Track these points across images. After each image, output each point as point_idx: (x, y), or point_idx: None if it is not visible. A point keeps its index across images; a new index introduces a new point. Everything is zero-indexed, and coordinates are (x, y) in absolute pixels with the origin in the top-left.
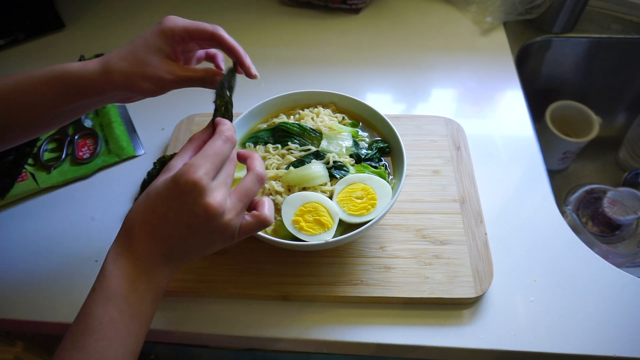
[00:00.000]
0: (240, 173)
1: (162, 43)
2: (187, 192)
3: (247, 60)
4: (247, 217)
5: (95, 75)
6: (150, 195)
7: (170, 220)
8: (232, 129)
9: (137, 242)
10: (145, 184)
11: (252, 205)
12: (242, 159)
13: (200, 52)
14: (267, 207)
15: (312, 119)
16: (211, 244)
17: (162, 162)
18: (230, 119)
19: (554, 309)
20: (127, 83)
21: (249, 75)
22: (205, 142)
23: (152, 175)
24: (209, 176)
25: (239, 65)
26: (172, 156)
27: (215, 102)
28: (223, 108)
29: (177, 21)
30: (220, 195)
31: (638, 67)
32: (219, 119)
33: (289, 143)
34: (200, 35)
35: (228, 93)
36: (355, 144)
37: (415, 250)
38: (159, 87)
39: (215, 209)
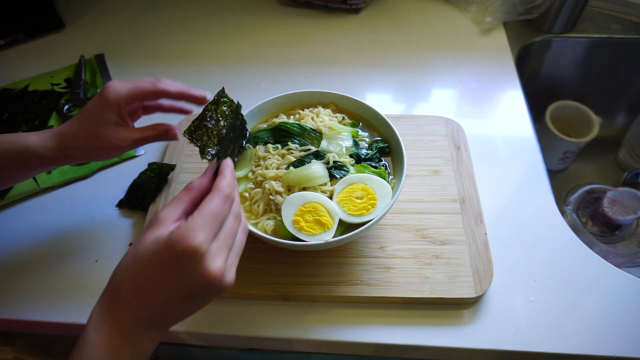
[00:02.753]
0: (241, 172)
1: (109, 114)
2: (185, 260)
3: (195, 92)
4: None
5: (53, 153)
6: (140, 259)
7: (166, 289)
8: (232, 183)
9: (125, 308)
10: (134, 184)
11: None
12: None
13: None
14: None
15: (312, 119)
16: (204, 304)
17: (153, 169)
18: (227, 154)
19: (554, 309)
20: (85, 157)
21: (199, 101)
22: (203, 194)
23: (143, 176)
24: (209, 241)
25: (188, 100)
26: (169, 166)
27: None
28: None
29: (119, 90)
30: (220, 260)
31: (638, 67)
32: (221, 167)
33: (289, 143)
34: (144, 97)
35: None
36: (355, 144)
37: (415, 250)
38: (117, 153)
39: (216, 275)
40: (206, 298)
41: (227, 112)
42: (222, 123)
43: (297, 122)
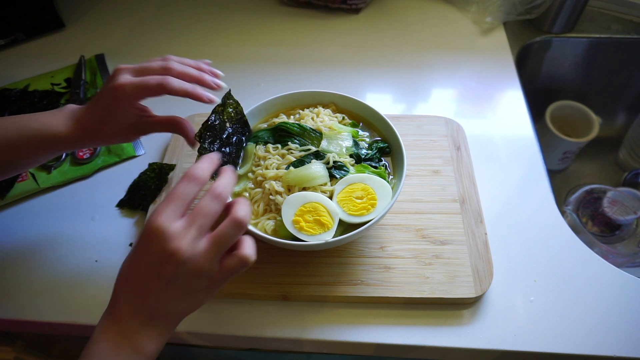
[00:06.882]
0: (238, 187)
1: (127, 108)
2: (153, 240)
3: (201, 95)
4: (228, 258)
5: (76, 142)
6: (130, 251)
7: (144, 273)
8: (202, 167)
9: (121, 302)
10: (135, 184)
11: (233, 246)
12: (227, 209)
13: None
14: (247, 246)
15: (312, 119)
16: (191, 295)
17: (153, 169)
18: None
19: (554, 309)
20: (111, 142)
21: (205, 102)
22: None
23: (144, 176)
24: (171, 219)
25: (194, 99)
26: (169, 166)
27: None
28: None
29: (128, 92)
30: (187, 239)
31: (638, 67)
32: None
33: (289, 143)
34: (150, 96)
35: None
36: (355, 144)
37: (415, 250)
38: (134, 138)
39: (181, 253)
40: (187, 282)
41: (232, 114)
42: (227, 124)
43: (297, 122)
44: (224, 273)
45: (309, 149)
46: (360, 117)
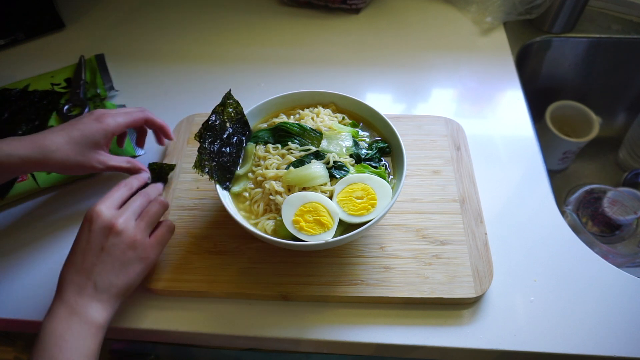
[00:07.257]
0: (238, 187)
1: (101, 138)
2: (94, 220)
3: (169, 130)
4: (156, 230)
5: (31, 162)
6: (74, 242)
7: (87, 250)
8: (138, 177)
9: (67, 284)
10: None
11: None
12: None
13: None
14: (167, 220)
15: (312, 119)
16: (127, 266)
17: (153, 169)
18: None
19: (554, 309)
20: (61, 169)
21: (168, 137)
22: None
23: None
24: (109, 207)
25: (162, 134)
26: (169, 166)
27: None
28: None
29: (119, 120)
30: (122, 217)
31: (638, 67)
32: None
33: (289, 143)
34: (136, 125)
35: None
36: (355, 144)
37: (415, 250)
38: (87, 172)
39: (118, 225)
40: (124, 252)
41: (232, 114)
42: (228, 124)
43: (297, 122)
44: (155, 241)
45: (309, 149)
46: (360, 117)
